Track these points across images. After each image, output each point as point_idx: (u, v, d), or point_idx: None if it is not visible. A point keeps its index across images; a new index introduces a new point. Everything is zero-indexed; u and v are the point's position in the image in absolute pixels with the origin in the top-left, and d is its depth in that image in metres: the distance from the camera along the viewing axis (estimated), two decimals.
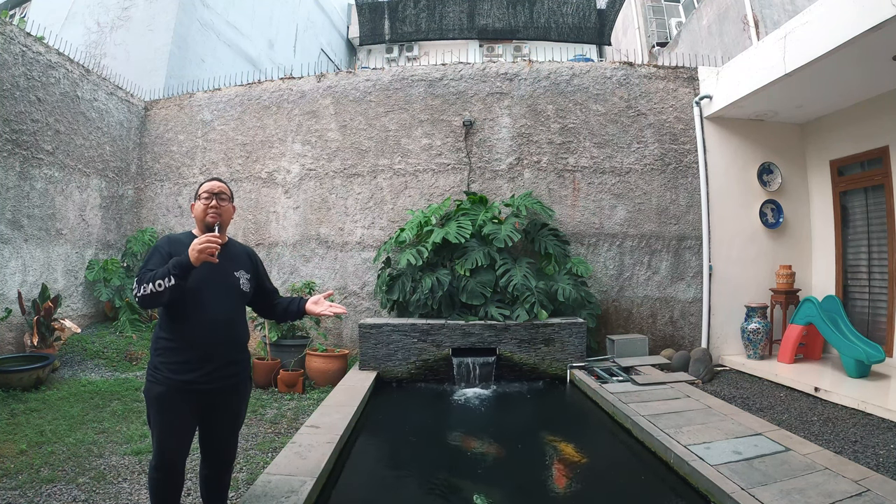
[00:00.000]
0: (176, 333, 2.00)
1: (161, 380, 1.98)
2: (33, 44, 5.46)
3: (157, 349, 2.03)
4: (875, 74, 4.50)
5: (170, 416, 1.99)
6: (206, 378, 2.00)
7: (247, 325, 2.24)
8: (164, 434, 2.00)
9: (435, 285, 5.35)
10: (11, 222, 5.18)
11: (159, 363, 2.00)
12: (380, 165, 6.42)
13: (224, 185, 2.17)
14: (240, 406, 2.22)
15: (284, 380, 4.78)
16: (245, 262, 2.21)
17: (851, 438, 3.37)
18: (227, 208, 2.15)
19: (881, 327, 5.19)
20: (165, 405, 1.98)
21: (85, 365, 5.29)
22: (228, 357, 2.09)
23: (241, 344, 2.18)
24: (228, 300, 2.11)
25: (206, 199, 2.09)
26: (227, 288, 2.11)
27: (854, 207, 5.65)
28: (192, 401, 2.00)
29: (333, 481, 2.96)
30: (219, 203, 2.10)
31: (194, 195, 2.16)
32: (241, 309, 2.19)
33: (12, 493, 2.60)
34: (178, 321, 2.00)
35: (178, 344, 1.99)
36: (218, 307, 2.05)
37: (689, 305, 6.00)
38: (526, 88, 6.31)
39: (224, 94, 7.01)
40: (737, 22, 8.63)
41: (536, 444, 3.69)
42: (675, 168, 6.11)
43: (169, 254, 1.98)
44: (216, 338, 2.04)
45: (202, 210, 2.09)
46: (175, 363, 1.98)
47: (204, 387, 2.00)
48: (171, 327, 2.01)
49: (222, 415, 2.13)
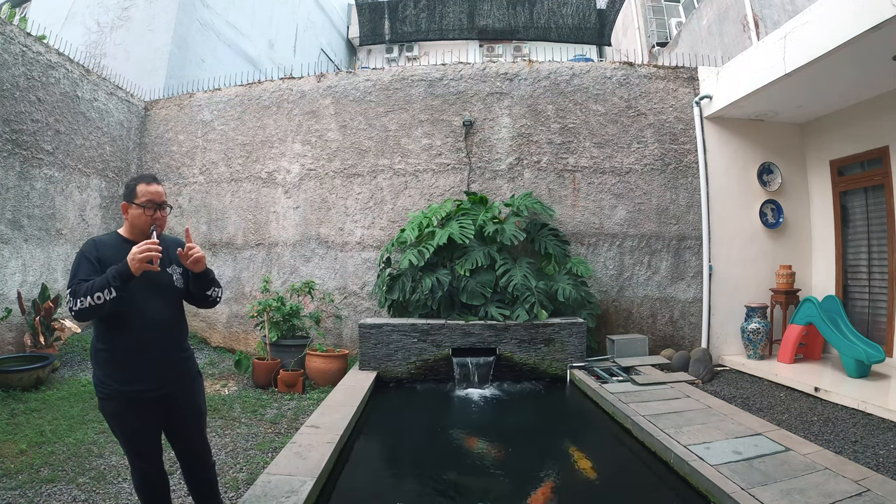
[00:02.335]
0: (112, 342, 1.91)
1: (111, 394, 1.90)
2: (33, 44, 5.46)
3: (98, 362, 1.93)
4: (875, 74, 4.50)
5: (131, 428, 1.94)
6: (155, 384, 1.95)
7: (185, 320, 2.17)
8: (130, 445, 1.97)
9: (435, 285, 5.35)
10: (11, 222, 5.18)
11: (104, 376, 1.91)
12: (380, 165, 6.42)
13: (163, 188, 2.05)
14: (197, 402, 2.16)
15: (284, 380, 4.78)
16: (175, 257, 2.06)
17: (851, 438, 3.37)
18: (165, 217, 2.05)
19: (881, 327, 5.19)
20: (122, 418, 1.93)
21: (85, 365, 5.29)
22: (172, 357, 2.04)
23: (182, 341, 2.13)
24: (164, 299, 2.02)
25: (150, 209, 1.97)
26: (160, 287, 2.01)
27: (854, 207, 5.65)
28: (147, 407, 1.95)
29: (333, 481, 2.96)
30: (162, 214, 2.01)
31: (128, 195, 1.99)
32: (178, 305, 2.11)
33: (12, 493, 2.60)
34: (113, 329, 1.90)
35: (118, 354, 1.91)
36: (154, 309, 1.96)
37: (689, 305, 6.00)
38: (526, 88, 6.31)
39: (224, 94, 7.01)
40: (737, 22, 8.63)
41: (536, 445, 3.69)
42: (675, 168, 6.11)
43: (98, 259, 1.88)
44: (157, 341, 1.96)
45: (144, 221, 1.97)
46: (120, 374, 1.90)
47: (155, 393, 1.95)
48: (108, 337, 1.92)
49: (183, 415, 2.09)
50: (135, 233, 2.01)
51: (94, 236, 2.05)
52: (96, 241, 1.97)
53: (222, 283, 6.63)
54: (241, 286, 6.63)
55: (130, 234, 2.02)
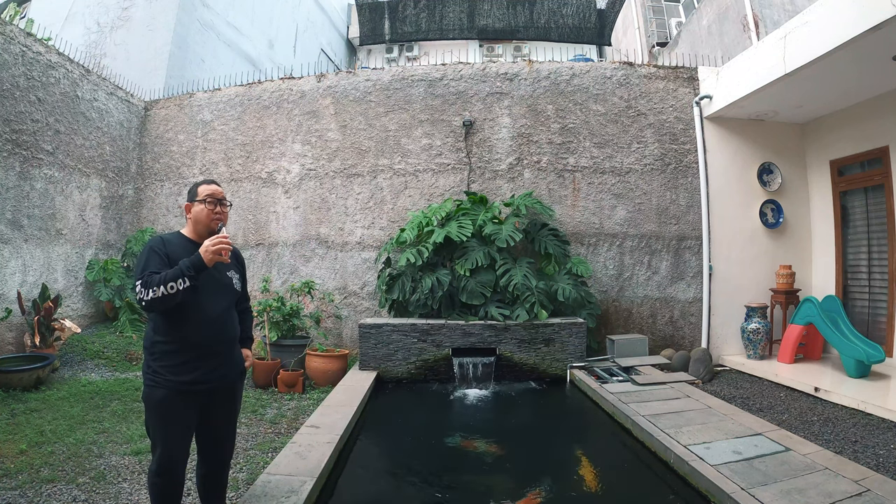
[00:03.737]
0: (174, 335, 2.00)
1: (162, 383, 1.97)
2: (33, 44, 5.46)
3: (153, 353, 2.02)
4: (875, 74, 4.50)
5: (173, 419, 1.99)
6: (206, 376, 2.02)
7: (238, 321, 2.28)
8: (168, 438, 2.00)
9: (435, 285, 5.35)
10: (11, 222, 5.18)
11: (158, 367, 1.99)
12: (380, 165, 6.42)
13: (221, 189, 2.23)
14: (236, 401, 2.27)
15: (284, 380, 4.78)
16: (234, 263, 2.27)
17: (851, 438, 3.37)
18: (227, 213, 2.23)
19: (881, 327, 5.19)
20: (168, 409, 1.98)
21: (85, 365, 5.29)
22: (226, 354, 2.13)
23: (236, 340, 2.23)
24: (224, 299, 2.15)
25: (211, 203, 2.14)
26: (222, 288, 2.16)
27: (854, 207, 5.65)
28: (193, 401, 2.01)
29: (333, 481, 2.96)
30: (222, 209, 2.18)
31: (191, 196, 2.19)
32: (233, 307, 2.24)
33: (12, 493, 2.60)
34: (175, 323, 2.00)
35: (177, 346, 2.00)
36: (215, 306, 2.08)
37: (689, 305, 6.00)
38: (526, 88, 6.31)
39: (224, 94, 7.01)
40: (737, 22, 8.63)
41: (536, 445, 3.69)
42: (675, 168, 6.11)
43: (167, 255, 1.99)
44: (214, 336, 2.07)
45: (206, 214, 2.13)
46: (175, 365, 1.98)
47: (204, 386, 2.02)
48: (168, 329, 2.01)
49: (221, 412, 2.16)
50: (198, 229, 2.15)
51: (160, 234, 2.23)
52: (164, 238, 2.10)
53: None
54: None
55: (193, 233, 2.17)
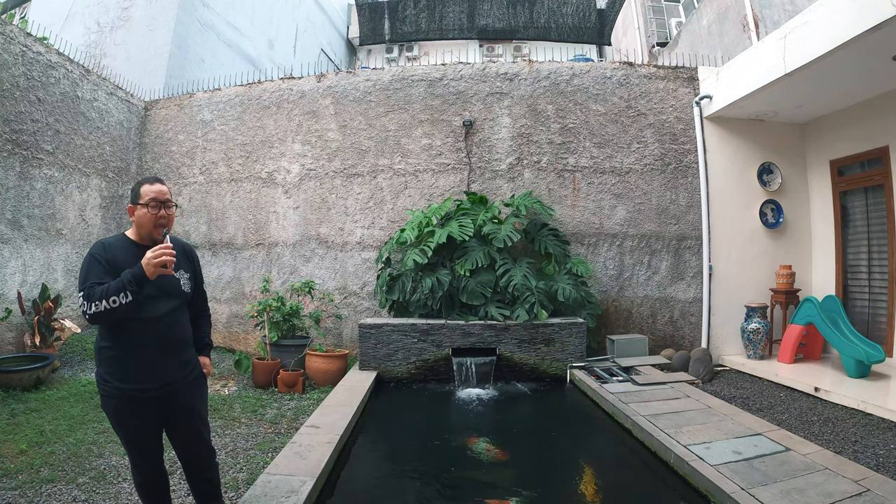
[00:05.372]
0: (118, 341, 1.92)
1: (112, 392, 1.92)
2: (33, 44, 5.46)
3: (100, 359, 1.95)
4: (875, 74, 4.50)
5: (128, 424, 1.95)
6: (153, 384, 1.95)
7: (189, 323, 2.17)
8: (131, 444, 1.98)
9: (435, 285, 5.35)
10: (11, 222, 5.18)
11: (106, 374, 1.93)
12: (380, 165, 6.42)
13: (166, 187, 2.06)
14: (198, 403, 2.16)
15: (284, 380, 4.78)
16: (184, 262, 2.13)
17: (851, 438, 3.37)
18: (172, 215, 2.07)
19: (881, 327, 5.20)
20: (123, 416, 1.94)
21: (85, 365, 5.29)
22: (174, 360, 2.03)
23: (185, 344, 2.12)
24: (170, 302, 2.03)
25: (154, 207, 1.98)
26: (167, 289, 2.02)
27: (854, 207, 5.65)
28: (148, 406, 1.96)
29: (333, 481, 2.96)
30: (167, 212, 2.02)
31: (133, 197, 2.03)
32: (183, 309, 2.12)
33: (12, 493, 2.60)
34: (118, 328, 1.91)
35: (122, 352, 1.92)
36: (159, 311, 1.97)
37: (689, 305, 6.00)
38: (526, 88, 6.31)
39: (224, 94, 7.01)
40: (737, 22, 8.63)
41: (537, 445, 3.69)
42: (675, 168, 6.11)
43: (107, 261, 1.89)
44: (160, 342, 1.97)
45: (149, 219, 1.98)
46: (122, 372, 1.91)
47: (154, 392, 1.95)
48: (112, 335, 1.93)
49: (182, 416, 2.08)
50: (142, 234, 2.03)
51: (101, 238, 2.06)
52: (104, 243, 1.98)
53: (222, 283, 6.67)
54: (241, 286, 6.63)
55: (137, 236, 2.04)
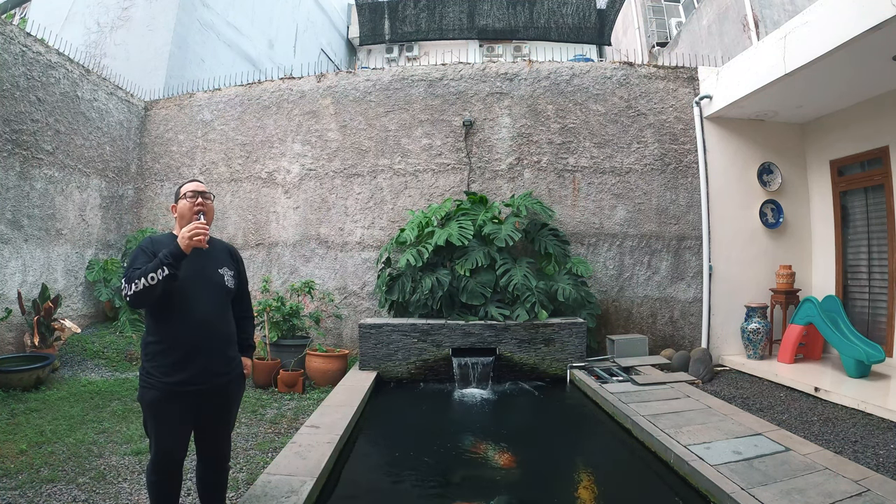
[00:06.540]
0: (163, 335, 2.00)
1: (153, 384, 1.97)
2: (33, 44, 5.46)
3: (146, 354, 2.02)
4: (875, 74, 4.50)
5: (165, 419, 1.99)
6: (196, 377, 2.00)
7: (233, 321, 2.22)
8: (161, 438, 2.00)
9: (435, 285, 5.35)
10: (11, 222, 5.18)
11: (150, 368, 1.99)
12: (380, 165, 6.42)
13: (204, 185, 2.21)
14: (233, 404, 2.21)
15: (284, 380, 4.78)
16: (228, 260, 2.23)
17: (851, 438, 3.37)
18: (211, 206, 2.18)
19: (881, 327, 5.19)
20: (160, 409, 1.98)
21: (85, 365, 5.29)
22: (218, 354, 2.08)
23: (229, 340, 2.17)
24: (214, 297, 2.11)
25: (191, 196, 2.12)
26: (212, 285, 2.11)
27: (854, 207, 5.65)
28: (186, 402, 2.00)
29: (333, 481, 2.96)
30: (204, 201, 2.14)
31: (175, 197, 2.20)
32: (226, 305, 2.19)
33: (12, 493, 2.60)
34: (164, 322, 2.00)
35: (167, 345, 1.99)
36: (204, 305, 2.05)
37: (689, 305, 6.00)
38: (526, 88, 6.31)
39: (224, 94, 7.01)
40: (737, 22, 8.63)
41: (537, 445, 3.69)
42: (675, 168, 6.11)
43: (153, 253, 1.97)
44: (204, 336, 2.03)
45: (188, 207, 2.11)
46: (165, 365, 1.97)
47: (196, 387, 2.00)
48: (158, 329, 2.01)
49: (216, 414, 2.13)
50: (182, 224, 2.13)
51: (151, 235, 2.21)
52: (153, 238, 2.11)
53: None
54: None
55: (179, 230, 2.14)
